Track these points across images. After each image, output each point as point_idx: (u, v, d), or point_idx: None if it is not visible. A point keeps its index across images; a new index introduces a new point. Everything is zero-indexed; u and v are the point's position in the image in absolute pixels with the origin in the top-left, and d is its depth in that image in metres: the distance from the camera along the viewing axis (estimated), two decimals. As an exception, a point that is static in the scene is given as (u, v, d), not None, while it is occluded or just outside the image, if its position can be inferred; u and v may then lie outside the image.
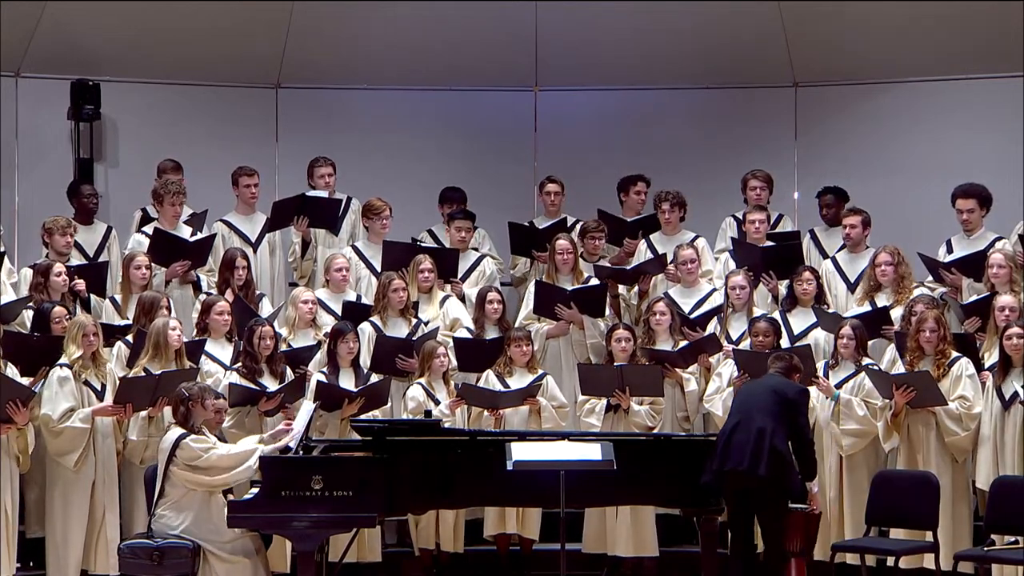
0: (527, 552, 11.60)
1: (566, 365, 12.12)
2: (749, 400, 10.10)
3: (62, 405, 10.70)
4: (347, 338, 11.37)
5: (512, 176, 14.22)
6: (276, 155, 14.21)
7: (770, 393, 10.05)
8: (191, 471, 10.04)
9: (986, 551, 10.31)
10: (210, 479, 10.05)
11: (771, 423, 9.91)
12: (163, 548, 9.99)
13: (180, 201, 12.54)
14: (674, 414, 11.72)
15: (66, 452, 10.73)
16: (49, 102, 13.70)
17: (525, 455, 9.48)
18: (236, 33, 13.97)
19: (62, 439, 10.72)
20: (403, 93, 14.36)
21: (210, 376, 11.31)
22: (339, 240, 13.06)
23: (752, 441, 9.89)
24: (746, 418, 9.98)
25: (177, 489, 10.08)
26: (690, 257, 12.31)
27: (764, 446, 9.87)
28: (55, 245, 12.15)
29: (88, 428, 10.73)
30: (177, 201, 12.51)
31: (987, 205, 12.24)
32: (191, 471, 10.04)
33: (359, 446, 10.37)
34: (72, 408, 10.72)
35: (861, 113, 14.14)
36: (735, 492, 9.98)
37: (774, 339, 11.41)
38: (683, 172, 13.71)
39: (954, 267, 12.04)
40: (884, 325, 11.64)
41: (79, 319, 10.96)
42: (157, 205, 12.62)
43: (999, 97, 13.61)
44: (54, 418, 10.67)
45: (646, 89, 14.32)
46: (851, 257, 12.44)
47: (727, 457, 9.93)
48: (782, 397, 10.00)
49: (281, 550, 10.73)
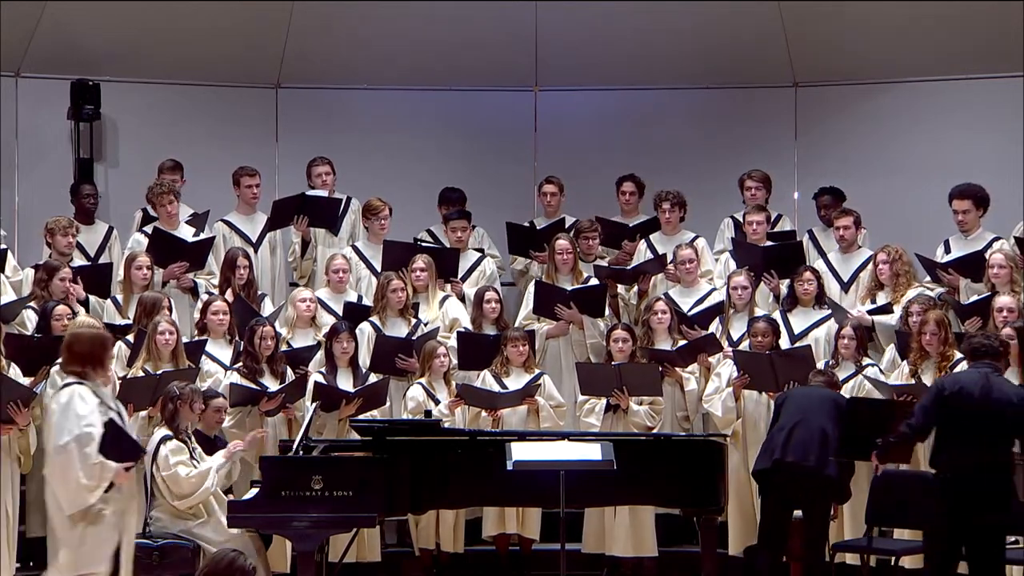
0: (527, 552, 11.60)
1: (566, 365, 12.12)
2: (806, 402, 10.29)
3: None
4: (340, 338, 11.37)
5: (512, 176, 14.22)
6: (276, 155, 14.21)
7: (829, 399, 10.28)
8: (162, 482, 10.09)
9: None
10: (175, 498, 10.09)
11: (832, 427, 10.10)
12: (163, 548, 10.01)
13: (170, 200, 12.49)
14: (674, 414, 11.73)
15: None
16: (49, 102, 13.69)
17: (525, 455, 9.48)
18: (236, 33, 13.97)
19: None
20: (403, 93, 14.36)
21: (210, 376, 11.32)
22: (339, 240, 13.06)
23: (816, 441, 10.10)
24: (807, 418, 10.16)
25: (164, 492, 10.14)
26: (689, 257, 12.32)
27: (830, 447, 10.07)
28: (57, 245, 12.15)
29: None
30: (166, 201, 12.46)
31: (983, 206, 12.23)
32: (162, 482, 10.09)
33: (359, 446, 10.38)
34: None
35: (861, 113, 14.14)
36: (786, 484, 10.08)
37: (773, 339, 11.42)
38: (683, 172, 13.70)
39: (951, 267, 12.04)
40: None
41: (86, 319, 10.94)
42: (154, 209, 12.63)
43: (999, 97, 13.60)
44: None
45: (646, 89, 14.31)
46: (844, 257, 12.44)
47: (789, 450, 10.09)
48: (839, 404, 10.21)
49: (281, 550, 10.73)
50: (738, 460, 11.31)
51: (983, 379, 9.48)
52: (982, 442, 9.39)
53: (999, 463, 9.44)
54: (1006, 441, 9.51)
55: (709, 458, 10.21)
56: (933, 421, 9.52)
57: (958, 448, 9.42)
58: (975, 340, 9.80)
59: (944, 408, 9.45)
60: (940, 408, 9.46)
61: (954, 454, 9.44)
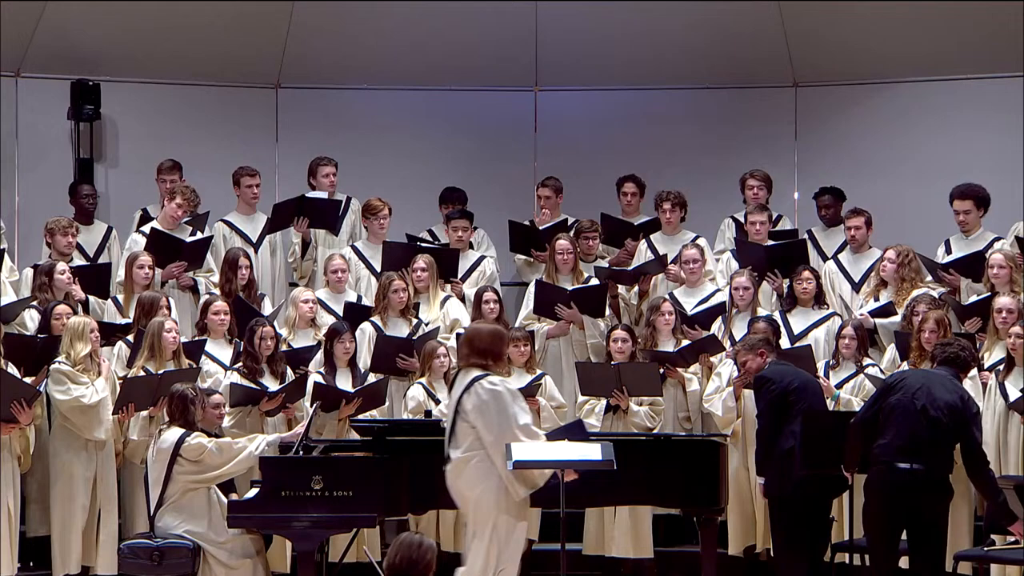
0: (527, 552, 11.58)
1: (566, 365, 12.12)
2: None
3: (80, 384, 10.69)
4: (343, 338, 11.37)
5: (512, 176, 14.22)
6: (276, 155, 14.21)
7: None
8: (196, 468, 10.06)
9: (986, 551, 10.30)
10: (215, 472, 10.09)
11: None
12: (163, 548, 10.01)
13: (187, 209, 12.55)
14: (675, 414, 11.72)
15: (98, 425, 10.72)
16: (49, 102, 13.69)
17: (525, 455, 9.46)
18: (236, 33, 13.97)
19: (90, 415, 10.70)
20: (403, 93, 14.36)
21: (210, 376, 11.32)
22: (339, 240, 13.06)
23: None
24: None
25: (179, 490, 10.09)
26: (694, 257, 12.31)
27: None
28: (57, 245, 12.15)
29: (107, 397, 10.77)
30: (185, 207, 12.52)
31: (984, 206, 12.24)
32: (196, 468, 10.06)
33: (359, 446, 10.38)
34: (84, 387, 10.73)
35: (861, 113, 14.14)
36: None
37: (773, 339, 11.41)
38: (683, 172, 13.70)
39: (952, 268, 12.04)
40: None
41: (83, 319, 10.95)
42: (166, 201, 12.61)
43: (999, 97, 13.60)
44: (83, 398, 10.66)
45: (646, 89, 14.31)
46: (855, 257, 12.45)
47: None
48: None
49: (281, 550, 10.73)
50: (738, 460, 11.31)
51: (925, 379, 9.53)
52: (919, 438, 9.38)
53: (937, 457, 9.43)
54: (944, 446, 9.50)
55: (709, 458, 10.21)
56: (871, 415, 9.52)
57: (895, 441, 9.40)
58: (950, 349, 9.74)
59: (886, 401, 9.46)
60: (882, 400, 9.48)
61: (891, 446, 9.42)
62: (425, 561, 7.29)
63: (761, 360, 10.56)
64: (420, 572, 7.29)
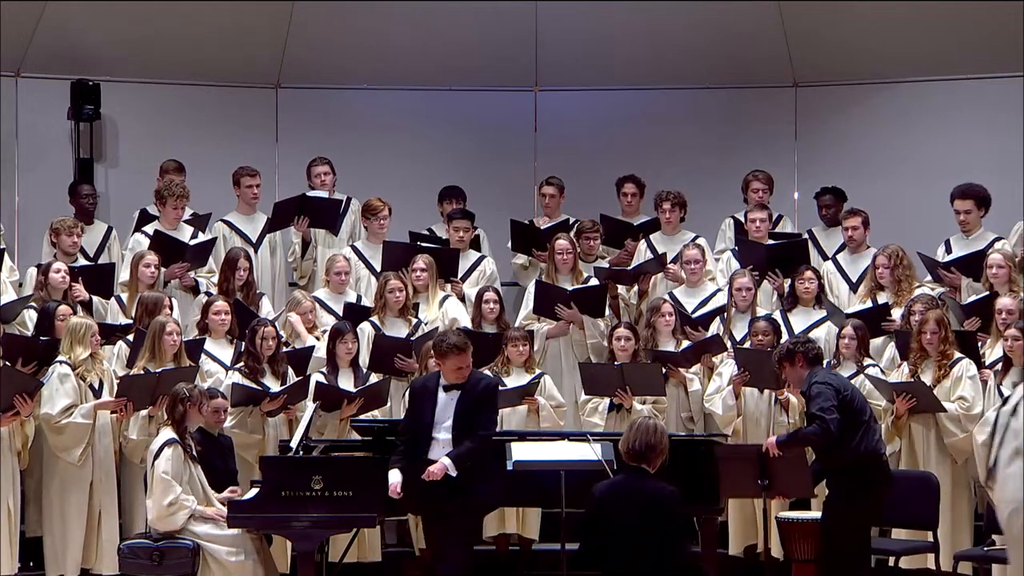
0: (527, 552, 11.60)
1: (566, 365, 12.12)
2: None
3: (62, 401, 10.70)
4: (346, 338, 11.37)
5: (512, 176, 14.22)
6: (276, 155, 14.21)
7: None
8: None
9: (986, 551, 10.30)
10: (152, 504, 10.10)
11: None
12: (163, 548, 10.00)
13: (182, 205, 12.55)
14: (678, 414, 11.72)
15: (69, 448, 10.73)
16: (49, 102, 13.69)
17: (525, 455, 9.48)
18: (236, 33, 13.98)
19: (65, 435, 10.72)
20: (403, 93, 14.36)
21: (210, 376, 11.32)
22: (339, 240, 13.06)
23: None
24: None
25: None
26: (695, 257, 12.31)
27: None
28: (62, 245, 12.16)
29: (90, 423, 10.74)
30: (180, 204, 12.52)
31: (985, 206, 12.24)
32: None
33: (359, 446, 10.37)
34: (72, 404, 10.72)
35: (861, 113, 14.14)
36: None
37: (774, 338, 11.40)
38: (683, 172, 13.70)
39: (952, 267, 12.04)
40: (884, 321, 11.68)
41: (84, 321, 10.95)
42: (159, 205, 12.63)
43: (999, 97, 13.60)
44: (54, 414, 10.68)
45: (646, 89, 14.32)
46: (852, 258, 12.45)
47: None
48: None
49: (281, 550, 10.72)
50: (738, 460, 11.30)
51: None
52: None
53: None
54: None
55: (709, 458, 10.20)
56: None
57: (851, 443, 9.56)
58: (814, 350, 9.80)
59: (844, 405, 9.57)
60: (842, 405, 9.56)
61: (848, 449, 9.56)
62: (662, 444, 8.39)
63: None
64: (658, 453, 8.43)
